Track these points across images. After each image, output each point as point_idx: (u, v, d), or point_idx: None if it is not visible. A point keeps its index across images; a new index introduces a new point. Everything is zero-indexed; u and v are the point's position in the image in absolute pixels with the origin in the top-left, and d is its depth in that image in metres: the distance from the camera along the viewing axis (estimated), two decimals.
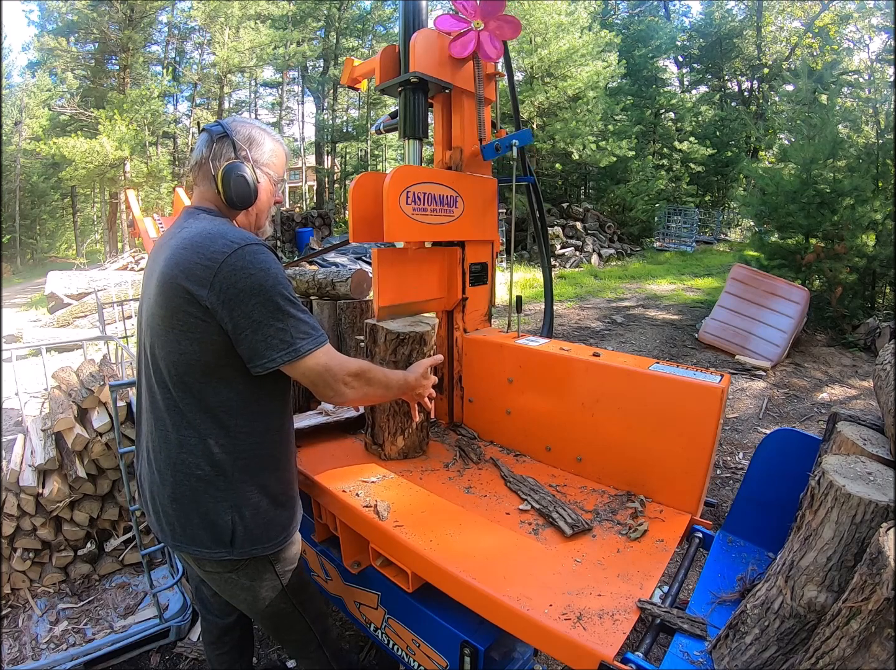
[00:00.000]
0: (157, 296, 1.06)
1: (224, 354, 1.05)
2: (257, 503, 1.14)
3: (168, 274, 1.03)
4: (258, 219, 1.25)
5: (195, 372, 1.06)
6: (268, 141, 1.20)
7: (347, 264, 9.34)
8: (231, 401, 1.09)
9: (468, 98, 1.75)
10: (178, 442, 1.09)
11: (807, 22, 19.52)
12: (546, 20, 12.80)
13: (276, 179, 1.24)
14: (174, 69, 20.10)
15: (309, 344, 1.06)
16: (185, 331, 1.03)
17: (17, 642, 1.80)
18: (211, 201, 1.17)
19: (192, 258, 1.02)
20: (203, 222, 1.10)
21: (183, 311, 1.02)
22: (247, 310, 1.01)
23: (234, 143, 1.14)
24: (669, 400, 1.34)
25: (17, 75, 22.26)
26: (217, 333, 1.03)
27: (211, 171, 1.14)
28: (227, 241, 1.02)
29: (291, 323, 1.04)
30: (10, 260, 21.22)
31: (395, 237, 1.51)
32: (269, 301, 1.02)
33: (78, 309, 7.63)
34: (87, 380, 2.24)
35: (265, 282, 1.02)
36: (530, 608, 0.99)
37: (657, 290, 9.05)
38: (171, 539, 1.15)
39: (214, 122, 1.18)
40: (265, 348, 1.03)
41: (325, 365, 1.08)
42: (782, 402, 4.37)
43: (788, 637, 0.87)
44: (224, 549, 1.12)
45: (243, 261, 1.01)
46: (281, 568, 1.23)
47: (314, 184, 23.73)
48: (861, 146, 6.32)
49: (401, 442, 1.62)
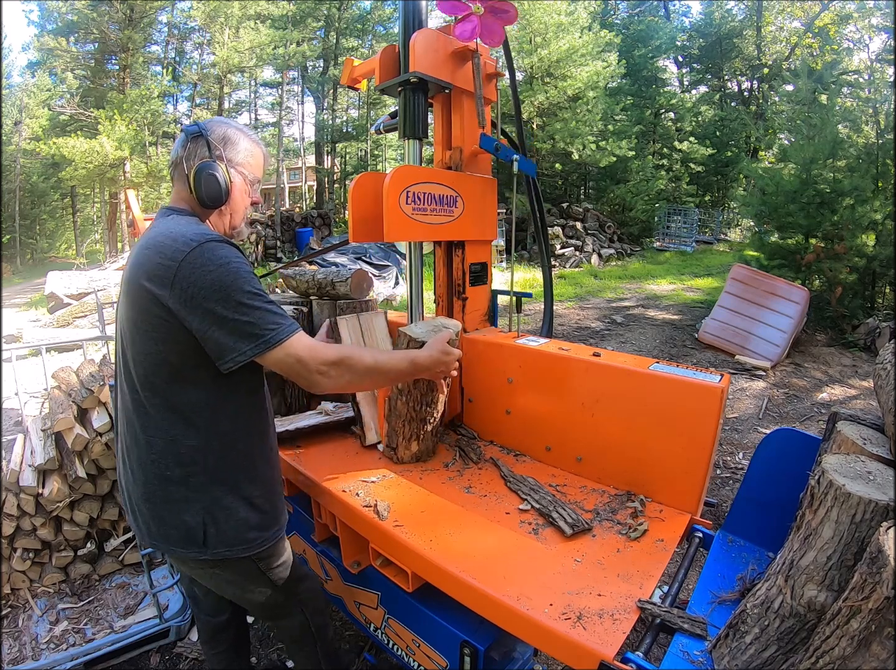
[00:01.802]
0: (125, 296, 1.07)
1: (190, 354, 1.04)
2: (230, 505, 1.11)
3: (133, 274, 1.04)
4: (232, 219, 1.23)
5: (161, 372, 1.05)
6: (243, 140, 1.19)
7: (347, 264, 9.34)
8: (199, 401, 1.08)
9: (468, 98, 1.75)
10: (147, 443, 1.09)
11: (807, 22, 19.52)
12: (546, 20, 12.80)
13: (252, 179, 1.23)
14: (174, 69, 20.08)
15: (278, 334, 1.03)
16: (150, 332, 1.03)
17: (17, 642, 1.80)
18: (185, 201, 1.17)
19: (153, 258, 1.01)
20: (169, 222, 1.10)
21: (147, 312, 1.02)
22: (209, 307, 0.99)
23: (209, 143, 1.14)
24: (669, 400, 1.34)
25: (17, 75, 22.26)
26: (181, 333, 1.01)
27: (185, 171, 1.13)
28: (186, 240, 1.01)
29: (257, 315, 1.02)
30: (10, 260, 21.21)
31: (395, 237, 1.51)
32: (230, 297, 1.00)
33: (78, 309, 7.63)
34: (87, 380, 2.24)
35: (225, 278, 1.00)
36: (530, 608, 0.99)
37: (657, 290, 9.05)
38: (148, 537, 1.14)
39: (192, 123, 1.18)
40: (233, 341, 1.01)
41: (295, 354, 1.05)
42: (782, 402, 4.37)
43: (788, 636, 0.87)
44: (197, 549, 1.10)
45: (202, 258, 0.99)
46: (266, 566, 1.20)
47: (314, 184, 23.71)
48: (861, 146, 6.31)
49: (415, 446, 1.61)
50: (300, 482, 1.55)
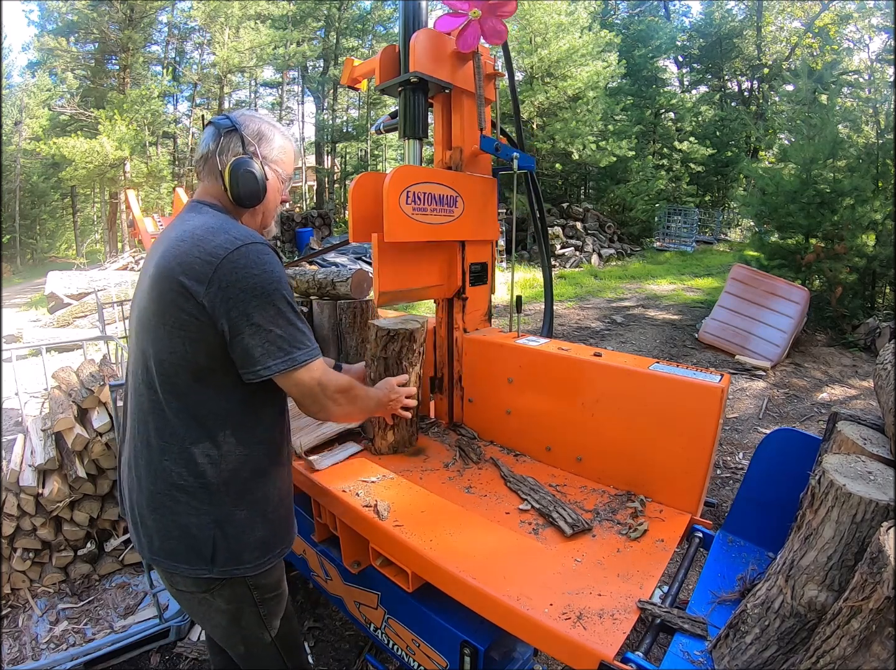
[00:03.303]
0: (150, 290, 1.00)
1: (217, 357, 0.99)
2: (242, 519, 1.06)
3: (164, 267, 0.98)
4: (264, 219, 1.19)
5: (185, 374, 1.00)
6: (277, 137, 1.15)
7: (347, 264, 9.34)
8: (221, 409, 1.03)
9: (468, 98, 1.74)
10: (160, 447, 1.03)
11: (807, 22, 19.52)
12: (546, 20, 12.81)
13: (285, 177, 1.19)
14: (174, 69, 20.10)
15: (305, 355, 1.01)
16: (177, 329, 0.97)
17: (17, 642, 1.80)
18: (216, 197, 1.11)
19: (191, 252, 0.96)
20: (206, 216, 1.05)
21: (177, 307, 0.96)
22: (246, 311, 0.95)
23: (243, 138, 1.09)
24: (669, 400, 1.34)
25: (17, 75, 22.28)
26: (211, 334, 0.97)
27: (217, 166, 1.08)
28: (230, 237, 0.97)
29: (290, 331, 0.99)
30: (10, 260, 21.21)
31: (395, 237, 1.51)
32: (270, 304, 0.97)
33: (78, 309, 7.63)
34: (87, 380, 2.24)
35: (268, 285, 0.97)
36: (530, 607, 0.99)
37: (657, 290, 9.05)
38: (149, 551, 1.07)
39: (222, 115, 1.12)
40: (261, 354, 0.97)
41: (318, 379, 1.04)
42: (782, 402, 4.37)
43: (789, 636, 0.87)
44: (204, 566, 1.04)
45: (246, 260, 0.96)
46: (260, 595, 1.14)
47: (314, 184, 23.72)
48: (861, 146, 6.32)
49: (391, 436, 1.66)
50: (300, 482, 1.55)
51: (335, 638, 1.98)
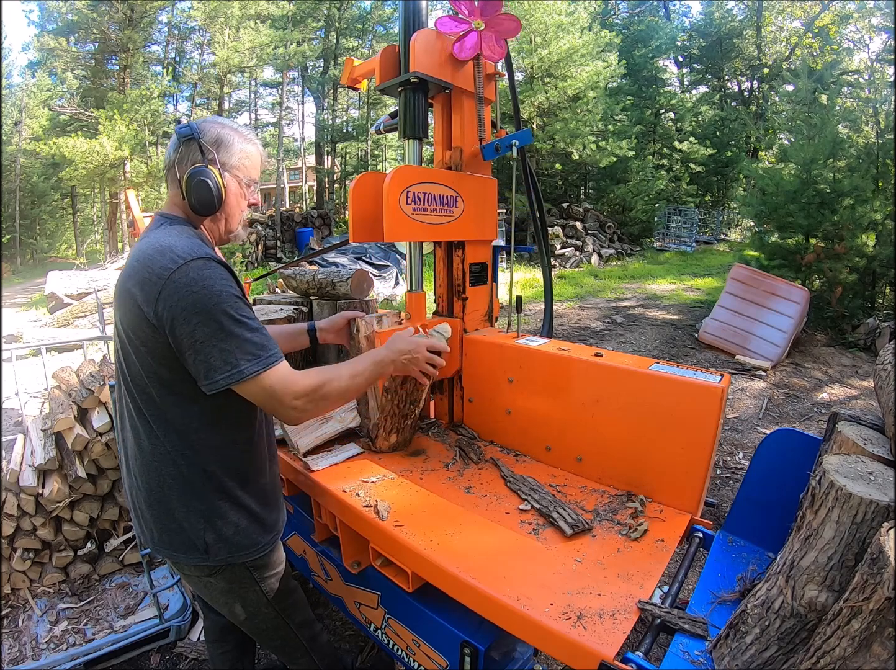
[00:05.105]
0: (120, 306, 1.05)
1: (179, 369, 1.02)
2: (227, 514, 1.12)
3: (123, 286, 1.03)
4: (228, 224, 1.20)
5: (155, 385, 1.05)
6: (237, 142, 1.15)
7: (347, 264, 9.34)
8: (193, 413, 1.07)
9: (468, 98, 1.74)
10: (150, 449, 1.09)
11: (807, 22, 19.52)
12: (546, 20, 12.79)
13: (247, 182, 1.19)
14: (174, 69, 20.09)
15: (253, 366, 1.00)
16: (142, 344, 1.02)
17: (17, 642, 1.80)
18: (179, 207, 1.14)
19: (142, 272, 1.00)
20: (160, 233, 1.07)
21: (137, 326, 1.01)
22: (189, 329, 0.97)
23: (202, 146, 1.09)
24: (669, 400, 1.34)
25: (17, 75, 22.31)
26: (168, 349, 1.00)
27: (177, 176, 1.10)
28: (173, 256, 0.98)
29: (236, 343, 0.99)
30: (10, 260, 21.22)
31: (395, 237, 1.51)
32: (211, 320, 0.97)
33: (78, 309, 7.63)
34: (87, 380, 2.24)
35: (207, 301, 0.97)
36: (530, 608, 0.99)
37: (657, 290, 9.05)
38: (152, 544, 1.16)
39: (184, 124, 1.12)
40: (207, 369, 0.99)
41: (269, 388, 1.02)
42: (782, 402, 4.37)
43: (789, 636, 0.87)
44: (199, 555, 1.12)
45: (186, 278, 0.97)
46: (260, 575, 1.22)
47: (314, 184, 23.71)
48: (861, 146, 6.31)
49: (394, 438, 1.67)
50: (300, 482, 1.55)
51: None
